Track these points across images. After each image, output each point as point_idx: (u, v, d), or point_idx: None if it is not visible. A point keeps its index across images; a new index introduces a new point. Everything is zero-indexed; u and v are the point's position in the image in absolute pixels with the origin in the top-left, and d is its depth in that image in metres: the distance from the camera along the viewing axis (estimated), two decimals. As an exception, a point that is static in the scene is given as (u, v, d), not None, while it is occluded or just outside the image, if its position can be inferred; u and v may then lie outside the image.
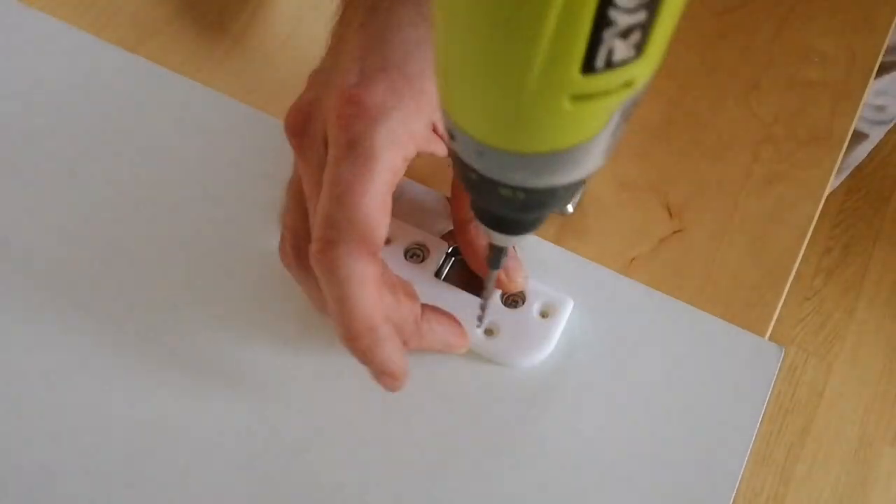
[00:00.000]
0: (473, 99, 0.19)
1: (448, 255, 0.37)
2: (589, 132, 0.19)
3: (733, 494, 0.33)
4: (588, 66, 0.16)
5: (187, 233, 0.38)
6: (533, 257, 0.37)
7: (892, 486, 1.16)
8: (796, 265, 0.39)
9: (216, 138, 0.34)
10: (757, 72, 0.45)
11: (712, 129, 0.43)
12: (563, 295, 0.36)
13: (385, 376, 0.31)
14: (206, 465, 0.34)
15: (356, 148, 0.29)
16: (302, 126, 0.32)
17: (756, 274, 0.38)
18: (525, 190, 0.21)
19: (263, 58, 0.34)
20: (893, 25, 0.47)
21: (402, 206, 0.38)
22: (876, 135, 0.88)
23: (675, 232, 0.40)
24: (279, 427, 0.34)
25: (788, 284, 0.38)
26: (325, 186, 0.30)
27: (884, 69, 0.75)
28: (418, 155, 0.32)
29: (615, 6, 0.15)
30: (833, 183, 0.97)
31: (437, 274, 0.36)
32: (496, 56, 0.17)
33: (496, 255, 0.29)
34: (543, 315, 0.36)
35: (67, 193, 0.39)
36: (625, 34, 0.16)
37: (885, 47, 0.46)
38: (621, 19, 0.16)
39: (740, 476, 0.33)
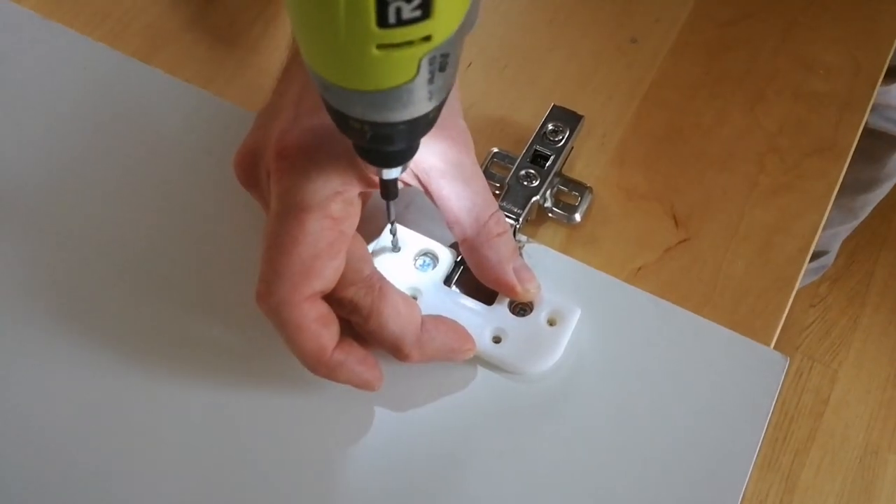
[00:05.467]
0: (311, 44, 0.23)
1: (457, 264, 0.37)
2: (404, 76, 0.23)
3: (739, 501, 0.33)
4: (382, 22, 0.21)
5: (198, 241, 0.39)
6: (540, 266, 0.38)
7: (898, 493, 1.16)
8: (801, 274, 0.39)
9: (228, 149, 0.34)
10: (762, 83, 0.45)
11: (718, 139, 0.43)
12: (570, 303, 0.36)
13: (356, 387, 0.33)
14: (207, 465, 0.34)
15: (285, 203, 0.30)
16: (249, 172, 0.34)
17: (761, 283, 0.39)
18: (370, 123, 0.25)
19: (275, 69, 0.34)
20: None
21: (410, 214, 0.39)
22: None
23: (681, 241, 0.40)
24: (283, 431, 0.35)
25: (794, 294, 0.39)
26: (263, 236, 0.31)
27: None
28: (369, 191, 0.32)
29: None
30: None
31: (447, 281, 0.37)
32: (312, 13, 0.22)
33: (383, 187, 0.31)
34: (551, 323, 0.36)
35: (81, 201, 0.40)
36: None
37: (889, 58, 0.47)
38: None
39: (746, 483, 0.34)
